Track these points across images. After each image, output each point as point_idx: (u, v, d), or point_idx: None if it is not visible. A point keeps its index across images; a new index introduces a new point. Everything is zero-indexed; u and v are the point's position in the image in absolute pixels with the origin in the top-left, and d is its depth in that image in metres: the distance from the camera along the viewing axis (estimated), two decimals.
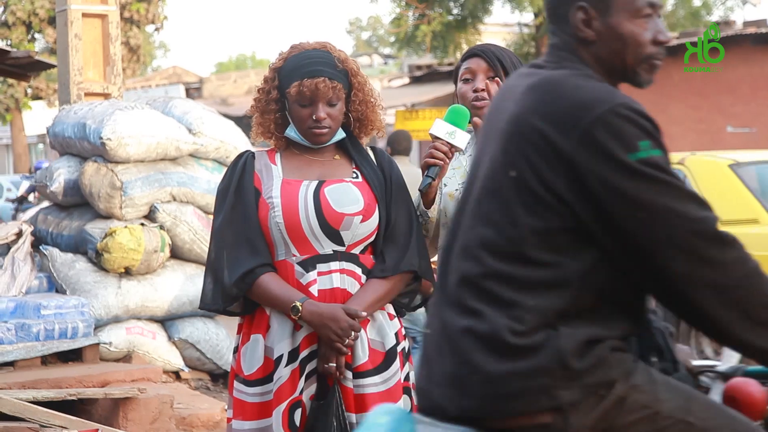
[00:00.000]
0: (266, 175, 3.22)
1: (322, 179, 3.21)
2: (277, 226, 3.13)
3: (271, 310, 3.15)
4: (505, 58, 3.36)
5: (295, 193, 3.16)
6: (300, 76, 3.15)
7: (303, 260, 3.14)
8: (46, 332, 5.91)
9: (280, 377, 3.11)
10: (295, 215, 3.13)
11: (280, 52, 3.33)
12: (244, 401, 3.17)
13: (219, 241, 3.19)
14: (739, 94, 16.19)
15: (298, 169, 3.24)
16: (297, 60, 3.20)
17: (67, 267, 6.39)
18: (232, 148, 6.88)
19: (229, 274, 3.14)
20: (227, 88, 32.62)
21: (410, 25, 15.65)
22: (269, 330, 3.15)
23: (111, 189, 6.36)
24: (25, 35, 22.85)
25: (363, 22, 59.04)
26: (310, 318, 3.08)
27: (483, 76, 3.37)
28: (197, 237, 6.62)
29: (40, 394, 5.21)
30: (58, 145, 6.89)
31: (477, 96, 3.36)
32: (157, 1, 23.97)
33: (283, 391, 3.11)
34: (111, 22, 7.46)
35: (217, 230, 3.20)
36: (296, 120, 3.20)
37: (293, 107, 3.19)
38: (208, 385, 6.69)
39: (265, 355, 3.15)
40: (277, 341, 3.14)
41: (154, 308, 6.46)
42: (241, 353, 3.19)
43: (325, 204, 3.15)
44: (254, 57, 61.06)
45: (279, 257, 3.17)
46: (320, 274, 3.14)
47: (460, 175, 3.42)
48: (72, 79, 7.30)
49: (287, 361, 3.11)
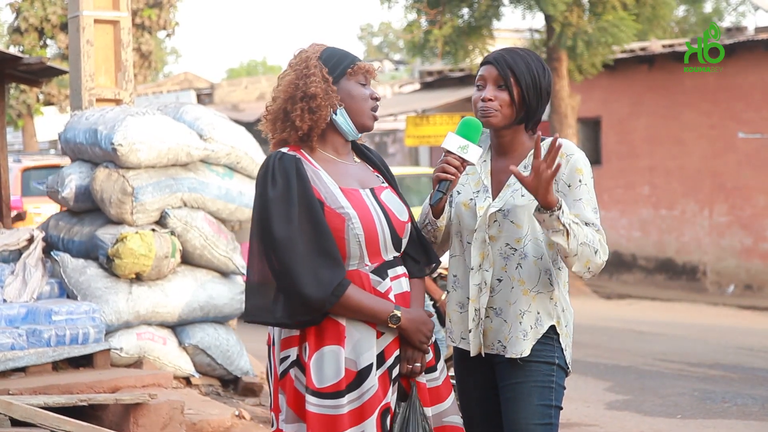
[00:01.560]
0: (319, 181, 3.19)
1: (368, 186, 3.26)
2: (357, 237, 3.15)
3: (348, 321, 3.14)
4: (518, 66, 3.33)
5: (364, 203, 3.19)
6: (353, 59, 3.26)
7: (375, 268, 3.20)
8: (57, 338, 5.92)
9: (372, 386, 3.13)
10: (372, 226, 3.18)
11: (301, 50, 3.32)
12: (321, 414, 3.11)
13: (289, 252, 3.08)
14: (751, 101, 16.14)
15: (342, 175, 3.25)
16: (335, 50, 3.28)
17: (78, 273, 6.40)
18: (242, 153, 6.87)
19: (316, 288, 3.07)
20: (238, 94, 32.63)
21: (423, 30, 15.65)
22: (348, 340, 3.14)
23: (122, 194, 6.37)
24: (37, 41, 22.92)
25: (374, 28, 59.06)
26: (407, 325, 3.17)
27: (492, 85, 3.36)
28: (208, 243, 6.62)
29: (51, 400, 5.22)
30: (70, 151, 6.90)
31: (483, 105, 3.36)
32: (168, 7, 24.03)
33: (375, 400, 3.14)
34: (123, 28, 7.48)
35: (285, 240, 3.09)
36: (358, 101, 3.24)
37: (354, 89, 3.23)
38: (219, 391, 6.69)
39: (347, 367, 3.13)
40: (363, 351, 3.14)
41: (164, 314, 6.46)
42: (311, 366, 3.13)
43: (390, 213, 3.23)
44: (265, 63, 61.10)
45: (351, 267, 3.19)
46: (392, 280, 3.23)
47: (474, 183, 3.42)
48: (84, 85, 7.32)
49: (375, 370, 3.15)
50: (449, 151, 3.26)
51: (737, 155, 16.32)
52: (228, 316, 6.78)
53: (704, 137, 16.73)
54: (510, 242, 3.32)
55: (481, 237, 3.33)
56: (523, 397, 3.31)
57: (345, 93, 3.24)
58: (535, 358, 3.32)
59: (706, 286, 16.75)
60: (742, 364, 8.54)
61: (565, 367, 3.38)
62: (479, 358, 3.38)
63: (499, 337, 3.33)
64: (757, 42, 15.29)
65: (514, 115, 3.34)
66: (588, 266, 3.25)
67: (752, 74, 15.73)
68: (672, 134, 16.98)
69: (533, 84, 3.33)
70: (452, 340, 3.44)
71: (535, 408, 3.31)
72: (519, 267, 3.31)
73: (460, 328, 3.41)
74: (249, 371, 6.83)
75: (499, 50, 3.43)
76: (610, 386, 8.32)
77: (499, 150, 3.43)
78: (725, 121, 16.43)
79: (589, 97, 17.70)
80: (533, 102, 3.34)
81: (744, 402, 7.69)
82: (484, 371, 3.42)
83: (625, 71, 17.81)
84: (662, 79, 17.41)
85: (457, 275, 3.42)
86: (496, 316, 3.34)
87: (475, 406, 3.47)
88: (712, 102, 16.64)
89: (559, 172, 3.25)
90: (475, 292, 3.34)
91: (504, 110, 3.33)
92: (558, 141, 3.16)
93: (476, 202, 3.37)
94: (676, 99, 17.19)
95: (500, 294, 3.33)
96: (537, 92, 3.34)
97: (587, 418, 7.19)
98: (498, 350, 3.34)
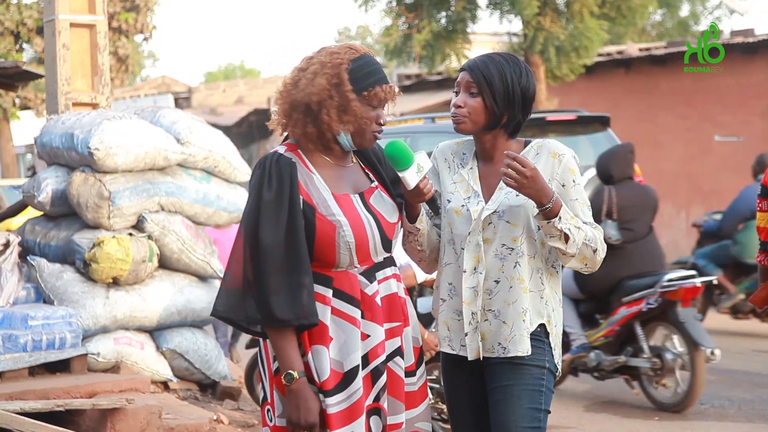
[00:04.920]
0: (311, 186, 3.21)
1: (359, 190, 3.28)
2: (347, 245, 3.18)
3: (332, 321, 3.18)
4: (490, 72, 3.33)
5: (354, 210, 3.21)
6: (379, 80, 3.21)
7: (364, 270, 3.24)
8: (33, 343, 5.88)
9: (359, 388, 3.17)
10: (363, 233, 3.20)
11: (334, 52, 3.24)
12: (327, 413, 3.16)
13: (267, 260, 3.11)
14: (727, 103, 16.23)
15: (335, 179, 3.26)
16: (366, 63, 3.22)
17: (55, 277, 6.37)
18: (220, 157, 6.86)
19: (285, 307, 3.10)
20: (216, 98, 32.58)
21: (401, 34, 15.65)
22: (334, 341, 3.18)
23: (99, 199, 6.34)
24: (13, 45, 22.77)
25: (352, 32, 59.03)
26: (290, 394, 3.12)
27: (465, 92, 3.38)
28: (185, 247, 6.60)
29: (27, 405, 5.18)
30: (46, 155, 6.86)
31: (453, 112, 3.39)
32: (145, 11, 23.92)
33: (362, 401, 3.18)
34: (99, 32, 7.44)
35: (268, 248, 3.12)
36: (362, 121, 3.21)
37: (363, 109, 3.20)
38: (197, 396, 6.66)
39: (332, 367, 3.17)
40: (349, 353, 3.18)
41: (142, 318, 6.43)
42: (308, 363, 3.18)
43: (380, 217, 3.26)
44: (243, 66, 60.99)
45: (340, 268, 3.22)
46: (380, 282, 3.26)
47: (463, 190, 3.42)
48: (60, 89, 7.28)
49: (361, 371, 3.19)
50: (415, 183, 3.25)
51: (713, 158, 16.41)
52: (206, 320, 6.76)
53: (681, 140, 16.82)
54: (506, 242, 3.33)
55: (475, 240, 3.34)
56: (513, 400, 3.32)
57: (356, 110, 3.22)
58: (526, 360, 3.33)
59: None
60: (719, 366, 8.57)
61: (554, 370, 3.40)
62: (469, 361, 3.39)
63: (498, 339, 3.33)
64: (733, 45, 15.38)
65: (485, 121, 3.35)
66: (585, 263, 3.31)
67: (728, 77, 15.82)
68: (649, 137, 17.05)
69: (504, 90, 3.33)
70: (452, 348, 3.43)
71: (525, 411, 3.32)
72: (517, 265, 3.32)
73: (459, 336, 3.40)
74: (227, 375, 6.81)
75: (478, 56, 3.45)
76: (589, 389, 8.35)
77: (483, 155, 3.44)
78: (701, 124, 16.53)
79: (567, 100, 17.76)
80: (503, 108, 3.34)
81: (721, 404, 7.72)
82: (474, 375, 3.43)
83: (602, 74, 17.89)
84: (639, 83, 17.50)
85: (452, 283, 3.41)
86: (494, 318, 3.33)
87: (464, 411, 3.48)
88: (688, 105, 16.73)
89: (553, 171, 3.32)
90: (469, 296, 3.34)
91: (473, 116, 3.35)
92: (508, 152, 3.22)
93: (468, 207, 3.38)
94: (653, 102, 17.28)
95: (498, 296, 3.33)
96: (509, 98, 3.33)
97: (566, 420, 7.21)
98: (498, 353, 3.33)
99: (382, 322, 3.24)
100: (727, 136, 16.16)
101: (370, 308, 3.23)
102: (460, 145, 3.52)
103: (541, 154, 3.37)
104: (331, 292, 3.20)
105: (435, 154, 3.53)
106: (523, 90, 3.36)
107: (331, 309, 3.20)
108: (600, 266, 3.37)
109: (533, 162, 3.30)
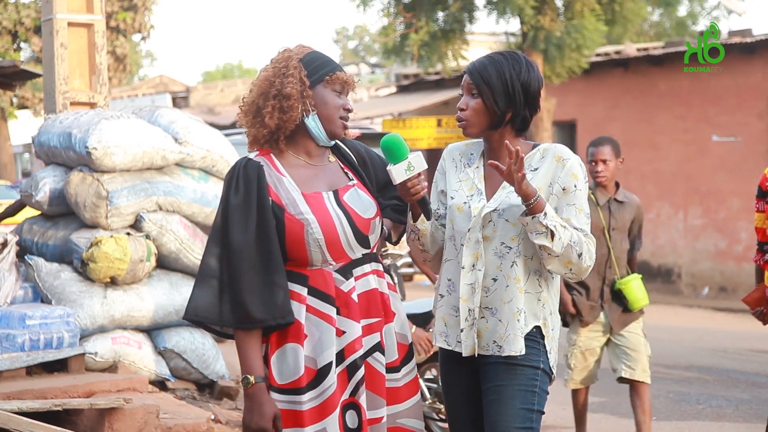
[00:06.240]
0: (281, 188, 3.24)
1: (334, 188, 3.30)
2: (317, 242, 3.20)
3: (307, 319, 3.20)
4: (488, 72, 3.36)
5: (323, 207, 3.23)
6: (336, 68, 3.28)
7: (340, 267, 3.25)
8: (31, 342, 5.88)
9: (332, 384, 3.19)
10: (332, 229, 3.21)
11: (285, 49, 3.35)
12: (284, 409, 3.19)
13: (239, 261, 3.16)
14: (725, 104, 16.24)
15: (308, 179, 3.29)
16: (319, 55, 3.31)
17: (53, 277, 6.36)
18: (218, 157, 6.86)
19: (261, 307, 3.14)
20: (214, 97, 32.56)
21: (398, 34, 15.65)
22: (308, 340, 3.20)
23: (97, 198, 6.34)
24: (10, 44, 22.76)
25: (350, 32, 59.04)
26: (246, 398, 3.16)
27: (467, 94, 3.42)
28: (183, 246, 6.59)
29: (25, 405, 5.18)
30: (44, 155, 6.86)
31: (458, 116, 3.43)
32: (143, 11, 23.93)
33: (335, 397, 3.19)
34: (97, 32, 7.44)
35: (239, 249, 3.16)
36: (330, 109, 3.27)
37: (328, 97, 3.26)
38: (195, 395, 6.66)
39: (306, 365, 3.19)
40: (323, 350, 3.20)
41: (140, 318, 6.43)
42: (272, 363, 3.21)
43: (353, 213, 3.26)
44: (241, 66, 60.96)
45: (315, 266, 3.24)
46: (357, 279, 3.26)
47: (467, 188, 3.45)
48: (58, 89, 7.28)
49: (335, 368, 3.20)
50: (405, 180, 3.26)
51: (711, 158, 16.41)
52: None
53: (678, 141, 16.83)
54: (505, 241, 3.34)
55: (475, 237, 3.36)
56: (506, 400, 3.33)
57: (319, 99, 3.27)
58: (520, 361, 3.34)
59: (681, 288, 16.84)
60: (716, 366, 8.59)
61: (549, 372, 3.40)
62: (465, 360, 3.39)
63: (494, 337, 3.35)
64: (731, 45, 15.38)
65: (488, 120, 3.38)
66: (570, 267, 3.29)
67: (726, 77, 15.83)
68: (647, 138, 17.06)
69: (504, 88, 3.35)
70: (447, 344, 3.44)
71: (517, 411, 3.32)
72: (515, 265, 3.33)
73: (455, 331, 3.42)
74: (225, 375, 6.81)
75: (479, 58, 3.47)
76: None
77: (491, 155, 3.46)
78: (699, 125, 16.53)
79: (565, 101, 17.77)
80: (504, 106, 3.36)
81: (718, 404, 7.73)
82: (470, 373, 3.44)
83: (601, 75, 17.89)
84: (637, 83, 17.50)
85: (451, 279, 3.43)
86: (491, 316, 3.35)
87: (461, 409, 3.49)
88: (686, 105, 16.74)
89: (555, 175, 3.33)
90: (467, 292, 3.36)
91: (476, 118, 3.39)
92: (511, 147, 3.21)
93: (470, 204, 3.40)
94: (651, 102, 17.28)
95: (495, 293, 3.34)
96: (509, 95, 3.35)
97: (563, 420, 7.21)
98: (493, 351, 3.35)
99: (359, 318, 3.25)
100: (724, 136, 16.16)
101: (346, 305, 3.24)
102: (468, 146, 3.55)
103: (546, 158, 3.38)
104: (306, 290, 3.23)
105: (443, 155, 3.57)
106: (524, 85, 3.37)
107: (306, 307, 3.22)
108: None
109: (537, 164, 3.35)
